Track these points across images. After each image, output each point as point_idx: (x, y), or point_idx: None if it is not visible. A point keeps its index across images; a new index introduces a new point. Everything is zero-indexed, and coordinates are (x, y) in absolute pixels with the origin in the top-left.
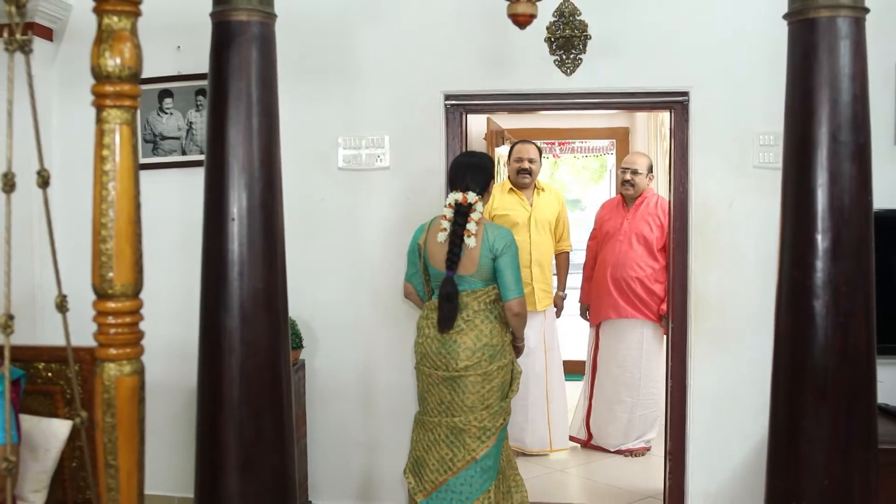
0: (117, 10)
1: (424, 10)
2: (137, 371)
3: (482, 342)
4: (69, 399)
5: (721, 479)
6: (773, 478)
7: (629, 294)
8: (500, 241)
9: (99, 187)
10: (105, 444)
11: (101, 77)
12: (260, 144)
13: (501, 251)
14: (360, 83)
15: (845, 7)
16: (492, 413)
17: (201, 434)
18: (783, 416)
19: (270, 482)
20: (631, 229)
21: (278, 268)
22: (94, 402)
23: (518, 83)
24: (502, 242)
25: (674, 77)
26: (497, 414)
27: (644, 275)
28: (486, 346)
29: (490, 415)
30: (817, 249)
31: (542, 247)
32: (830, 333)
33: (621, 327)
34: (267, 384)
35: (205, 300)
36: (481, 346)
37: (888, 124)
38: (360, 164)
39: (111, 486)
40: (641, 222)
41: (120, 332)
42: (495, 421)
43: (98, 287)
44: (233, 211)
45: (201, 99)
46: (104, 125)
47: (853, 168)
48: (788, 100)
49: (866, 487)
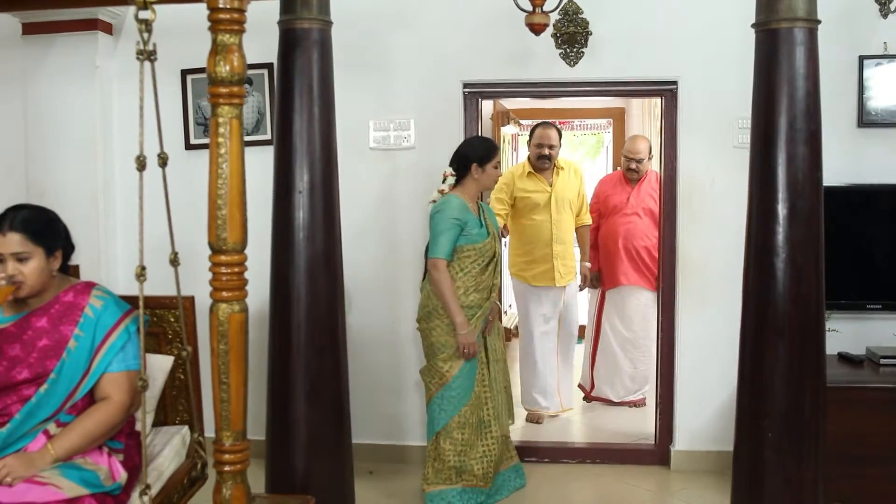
0: (228, 29)
1: (446, 11)
2: (243, 309)
3: (421, 303)
4: (170, 339)
5: (703, 418)
6: (741, 401)
7: (638, 262)
8: (433, 209)
9: (214, 166)
10: (219, 366)
11: (216, 81)
12: (319, 130)
13: (431, 217)
14: (390, 74)
15: (801, 20)
16: (426, 368)
17: (273, 370)
18: (750, 350)
19: (330, 407)
20: (638, 204)
21: (335, 232)
22: (211, 334)
23: (527, 73)
24: (434, 210)
25: (664, 68)
26: (429, 372)
27: (651, 244)
28: (422, 307)
29: (426, 369)
30: (777, 216)
31: (563, 225)
32: (787, 284)
33: (628, 291)
34: (327, 328)
35: (275, 260)
36: (421, 307)
37: (853, 109)
38: (389, 144)
39: (224, 398)
40: (647, 197)
41: (230, 279)
42: (428, 378)
43: (214, 244)
44: (299, 185)
45: (247, 87)
46: (219, 118)
47: (806, 150)
48: (755, 94)
49: (815, 408)
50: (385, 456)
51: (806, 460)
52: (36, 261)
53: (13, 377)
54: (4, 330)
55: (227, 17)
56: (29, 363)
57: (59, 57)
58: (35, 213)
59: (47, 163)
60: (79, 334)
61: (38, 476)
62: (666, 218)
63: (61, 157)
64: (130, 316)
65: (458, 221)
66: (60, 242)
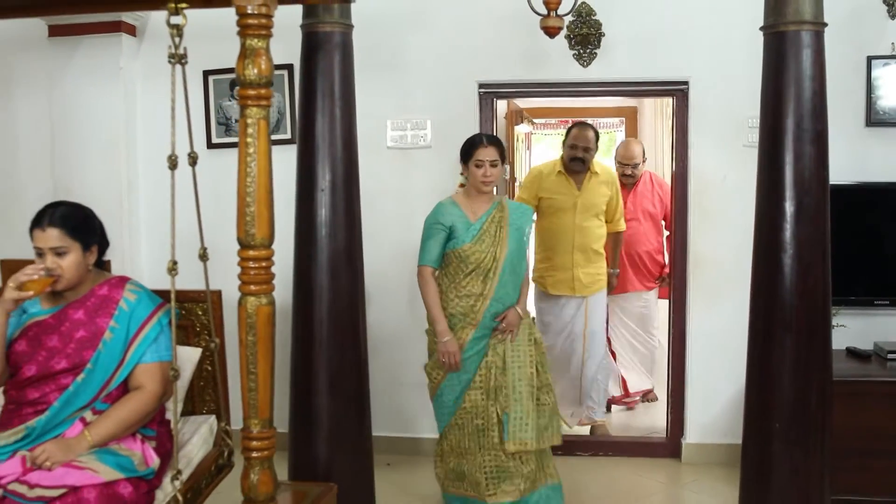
0: (256, 34)
1: (461, 14)
2: (270, 302)
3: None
4: (198, 331)
5: (713, 412)
6: (749, 393)
7: (641, 267)
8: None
9: (243, 165)
10: (247, 357)
11: (245, 83)
12: (341, 130)
13: None
14: (407, 75)
15: (808, 23)
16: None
17: (296, 363)
18: (758, 344)
19: (351, 400)
20: (636, 207)
21: (356, 230)
22: (239, 326)
23: (542, 74)
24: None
25: (675, 69)
26: (426, 376)
27: (652, 248)
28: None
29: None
30: (785, 213)
31: (588, 232)
32: (794, 279)
33: (635, 297)
34: (348, 323)
35: (298, 256)
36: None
37: (861, 108)
38: (406, 143)
39: (252, 387)
40: (645, 200)
41: (258, 273)
42: (427, 382)
43: (242, 239)
44: (322, 184)
45: None
46: (247, 119)
47: (813, 150)
48: (763, 95)
49: (822, 400)
50: (402, 448)
51: (812, 451)
52: (73, 255)
53: (52, 367)
54: (43, 321)
55: (255, 23)
56: (67, 353)
57: (85, 58)
58: (73, 210)
59: (73, 162)
60: (114, 326)
61: (75, 461)
62: (677, 215)
63: (86, 156)
64: (162, 309)
65: (441, 226)
66: (96, 238)
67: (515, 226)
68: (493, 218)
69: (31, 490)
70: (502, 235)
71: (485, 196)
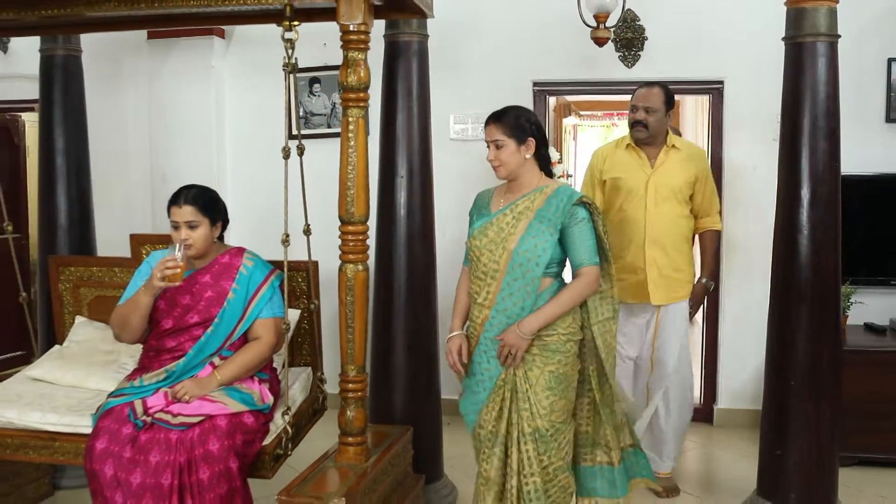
0: (356, 47)
1: (517, 19)
2: (365, 269)
3: None
4: (298, 296)
5: (741, 380)
6: (769, 355)
7: None
8: None
9: (345, 155)
10: (346, 314)
11: (347, 88)
12: (418, 126)
13: None
14: (468, 74)
15: (823, 35)
16: None
17: (377, 325)
18: (777, 313)
19: (425, 359)
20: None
21: (430, 212)
22: (339, 288)
23: (590, 73)
24: None
25: (712, 69)
26: None
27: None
28: None
29: None
30: (802, 200)
31: (664, 222)
32: (809, 257)
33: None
34: (422, 292)
35: (380, 234)
36: None
37: (881, 106)
38: (467, 135)
39: (350, 339)
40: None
41: (356, 244)
42: None
43: (344, 216)
44: (401, 171)
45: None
46: (348, 118)
47: (826, 145)
48: (783, 96)
49: (832, 360)
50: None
51: (822, 405)
52: (203, 228)
53: (186, 321)
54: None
55: (355, 38)
56: (198, 310)
57: (179, 58)
58: (204, 191)
59: (168, 151)
60: (236, 288)
61: (208, 396)
62: None
63: (180, 146)
64: (274, 273)
65: (470, 217)
66: (221, 216)
67: (544, 217)
68: (516, 207)
69: (175, 418)
70: (516, 229)
71: (521, 182)
